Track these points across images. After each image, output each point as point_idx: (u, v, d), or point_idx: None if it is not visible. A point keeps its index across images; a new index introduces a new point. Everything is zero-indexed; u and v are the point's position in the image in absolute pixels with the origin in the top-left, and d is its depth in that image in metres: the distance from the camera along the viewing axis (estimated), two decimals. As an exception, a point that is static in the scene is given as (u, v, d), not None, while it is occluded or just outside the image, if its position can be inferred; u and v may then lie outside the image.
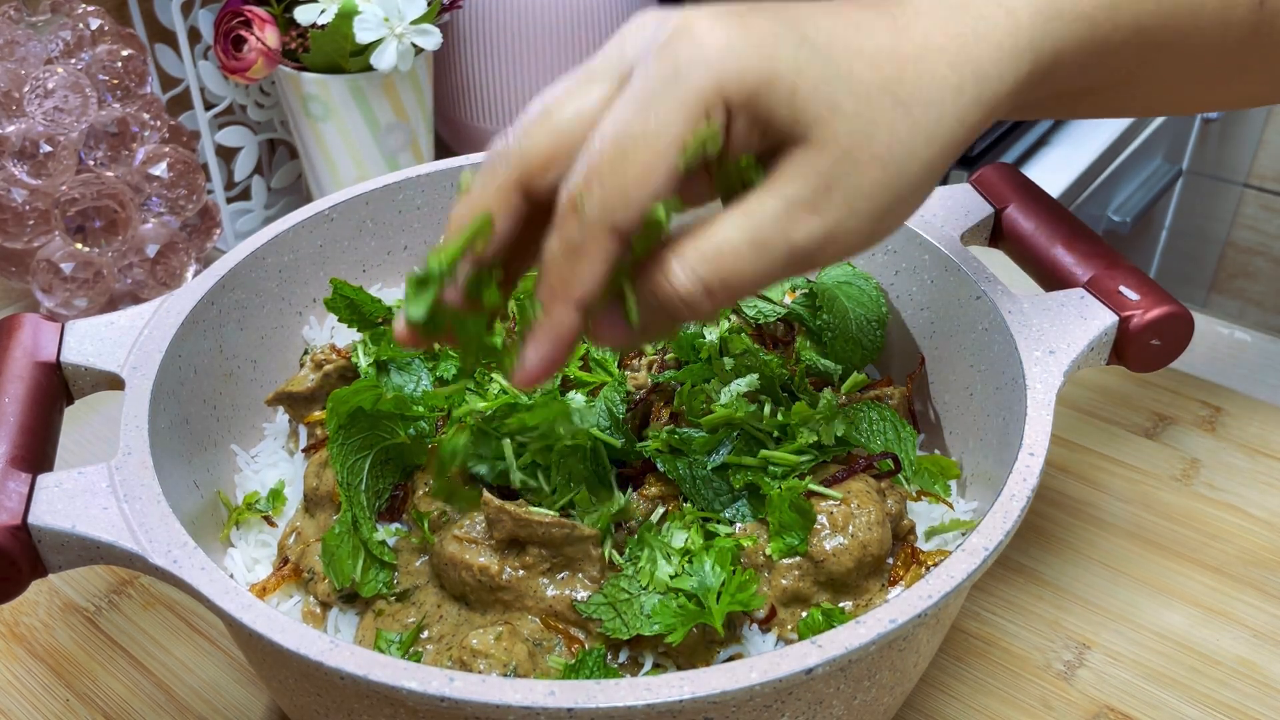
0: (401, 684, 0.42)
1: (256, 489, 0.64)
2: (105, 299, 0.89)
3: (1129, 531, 0.73)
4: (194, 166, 0.91)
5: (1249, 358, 0.88)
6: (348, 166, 0.97)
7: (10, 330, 0.59)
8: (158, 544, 0.48)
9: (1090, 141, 1.39)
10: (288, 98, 0.96)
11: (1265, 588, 0.69)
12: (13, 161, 0.83)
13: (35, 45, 0.86)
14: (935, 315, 0.67)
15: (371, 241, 0.74)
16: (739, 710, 0.44)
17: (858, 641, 0.43)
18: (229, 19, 0.92)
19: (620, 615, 0.51)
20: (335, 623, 0.57)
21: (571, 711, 0.41)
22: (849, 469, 0.58)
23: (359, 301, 0.64)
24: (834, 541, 0.54)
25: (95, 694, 0.65)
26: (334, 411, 0.55)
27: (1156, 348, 0.59)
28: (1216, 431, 0.81)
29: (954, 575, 0.46)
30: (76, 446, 0.80)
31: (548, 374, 0.44)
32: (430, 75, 0.98)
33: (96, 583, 0.71)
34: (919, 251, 0.67)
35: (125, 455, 0.52)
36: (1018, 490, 0.50)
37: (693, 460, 0.57)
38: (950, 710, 0.63)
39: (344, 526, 0.55)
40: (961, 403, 0.65)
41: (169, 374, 0.58)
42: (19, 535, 0.48)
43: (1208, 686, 0.64)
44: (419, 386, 0.62)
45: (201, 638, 0.68)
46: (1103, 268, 0.62)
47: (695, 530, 0.55)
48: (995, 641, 0.66)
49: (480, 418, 0.57)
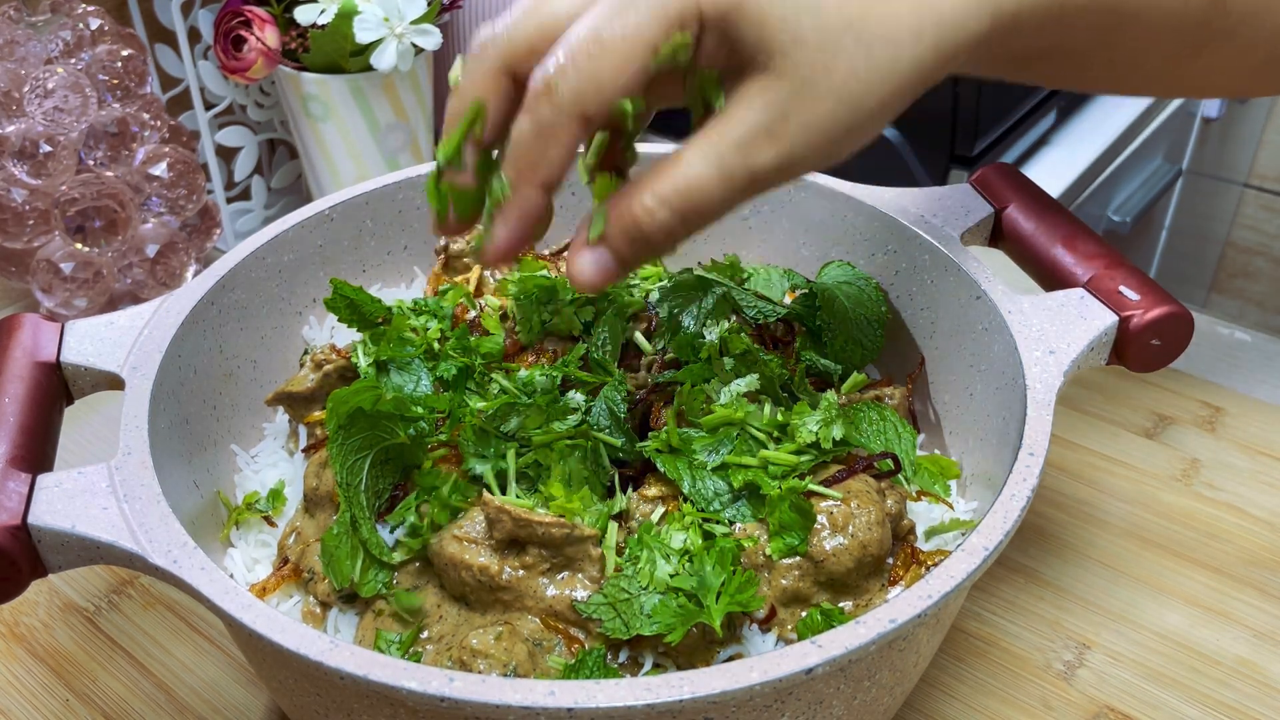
0: (401, 684, 0.42)
1: (256, 489, 0.64)
2: (105, 299, 0.89)
3: (1129, 531, 0.73)
4: (194, 166, 0.91)
5: (1249, 358, 0.88)
6: (348, 166, 0.97)
7: (10, 330, 0.59)
8: (157, 544, 0.48)
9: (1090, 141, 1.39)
10: (288, 98, 0.96)
11: (1265, 588, 0.69)
12: (13, 161, 0.83)
13: (35, 45, 0.86)
14: (935, 315, 0.67)
15: (371, 241, 0.74)
16: (739, 710, 0.44)
17: (858, 641, 0.43)
18: (229, 19, 0.92)
19: (620, 615, 0.51)
20: (335, 623, 0.57)
21: (571, 711, 0.41)
22: (849, 469, 0.58)
23: (359, 301, 0.64)
24: (834, 541, 0.54)
25: (95, 694, 0.65)
26: (334, 412, 0.55)
27: (1157, 348, 0.59)
28: (1216, 431, 0.81)
29: (954, 575, 0.46)
30: (76, 446, 0.80)
31: (514, 250, 0.47)
32: (430, 75, 0.98)
33: (96, 583, 0.71)
34: (919, 251, 0.67)
35: (125, 455, 0.52)
36: (1018, 490, 0.50)
37: (693, 460, 0.57)
38: (950, 710, 0.63)
39: (342, 527, 0.55)
40: (961, 403, 0.65)
41: (169, 374, 0.58)
42: (19, 535, 0.48)
43: (1208, 686, 0.64)
44: (418, 386, 0.62)
45: (201, 638, 0.68)
46: (1103, 268, 0.62)
47: (695, 530, 0.55)
48: (995, 641, 0.66)
49: (482, 417, 0.57)
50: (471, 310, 0.69)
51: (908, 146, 1.21)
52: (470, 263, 0.73)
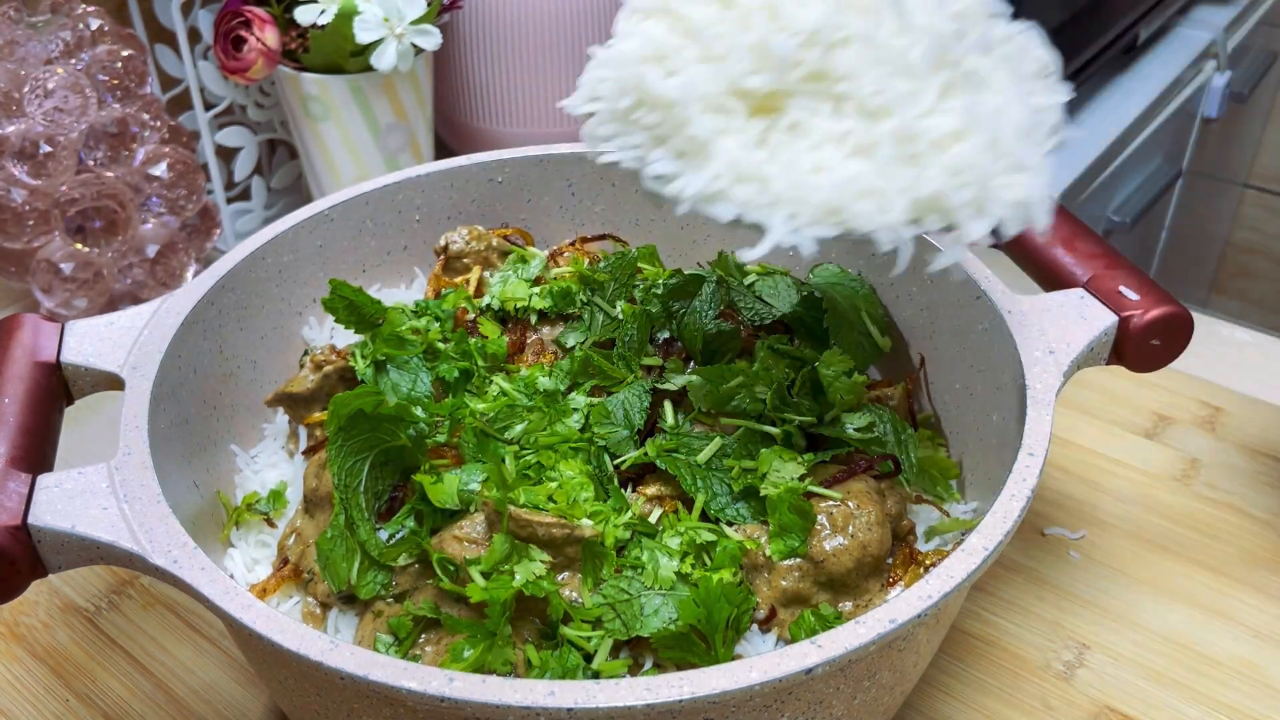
0: (401, 684, 0.42)
1: (256, 489, 0.64)
2: (105, 299, 0.89)
3: (1129, 531, 0.73)
4: (194, 167, 0.91)
5: (1249, 358, 0.88)
6: (348, 166, 0.97)
7: (10, 330, 0.59)
8: (157, 544, 0.48)
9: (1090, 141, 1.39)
10: (287, 98, 0.96)
11: (1265, 588, 0.69)
12: (12, 161, 0.83)
13: (35, 45, 0.86)
14: (935, 315, 0.67)
15: (371, 242, 0.74)
16: (739, 710, 0.44)
17: (857, 641, 0.43)
18: (229, 19, 0.92)
19: (620, 615, 0.51)
20: (335, 623, 0.57)
21: (571, 711, 0.41)
22: (849, 469, 0.58)
23: (358, 302, 0.64)
24: (834, 542, 0.54)
25: (95, 694, 0.65)
26: (334, 414, 0.55)
27: (1156, 348, 0.59)
28: (1216, 431, 0.81)
29: (953, 575, 0.46)
30: (76, 446, 0.80)
31: None
32: (430, 75, 0.98)
33: (96, 583, 0.71)
34: (919, 251, 0.67)
35: (125, 455, 0.52)
36: (1018, 490, 0.50)
37: (693, 460, 0.56)
38: (950, 710, 0.63)
39: (337, 530, 0.55)
40: (961, 403, 0.65)
41: (169, 374, 0.58)
42: (19, 535, 0.48)
43: (1208, 687, 0.64)
44: (416, 385, 0.62)
45: (201, 638, 0.68)
46: (1103, 268, 0.62)
47: (693, 532, 0.55)
48: (995, 642, 0.66)
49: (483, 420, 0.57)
50: (471, 312, 0.69)
51: (908, 146, 1.20)
52: (470, 264, 0.73)
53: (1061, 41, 1.31)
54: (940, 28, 0.44)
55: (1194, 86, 1.59)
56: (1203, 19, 1.64)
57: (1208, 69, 1.62)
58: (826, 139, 0.46)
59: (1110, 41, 1.39)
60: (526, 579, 0.51)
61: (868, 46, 0.44)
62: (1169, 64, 1.54)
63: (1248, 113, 1.88)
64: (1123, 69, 1.52)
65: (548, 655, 0.51)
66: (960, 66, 0.44)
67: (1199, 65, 1.60)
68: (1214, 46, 1.61)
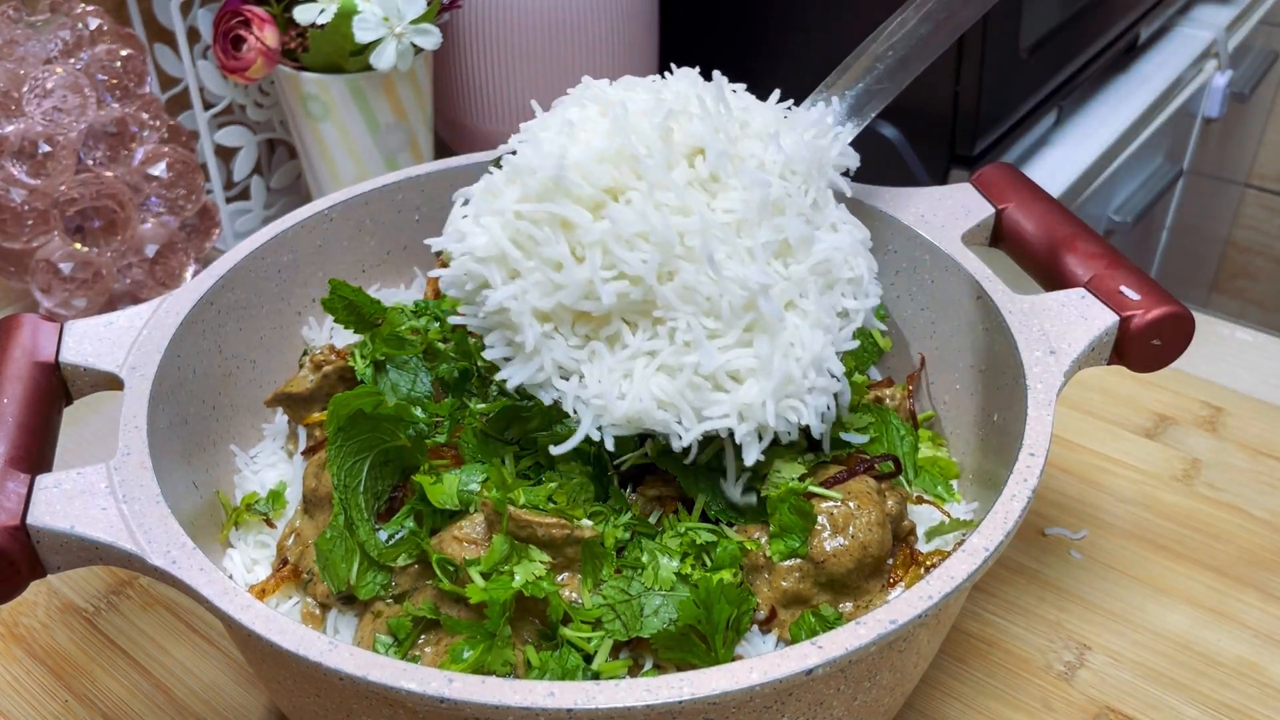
0: (400, 685, 0.42)
1: (255, 490, 0.64)
2: (104, 299, 0.89)
3: (1129, 531, 0.73)
4: (193, 166, 0.91)
5: (1250, 358, 0.88)
6: (347, 166, 0.97)
7: (9, 330, 0.59)
8: (156, 544, 0.48)
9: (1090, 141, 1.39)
10: (287, 97, 0.96)
11: (1266, 588, 0.69)
12: (12, 161, 0.83)
13: (34, 45, 0.86)
14: (935, 315, 0.67)
15: (371, 241, 0.74)
16: (739, 711, 0.44)
17: (858, 642, 0.43)
18: (228, 19, 0.92)
19: (620, 616, 0.51)
20: (334, 624, 0.57)
21: (571, 712, 0.41)
22: (849, 470, 0.57)
23: (358, 302, 0.64)
24: (834, 542, 0.54)
25: (94, 695, 0.65)
26: (334, 415, 0.55)
27: (1157, 348, 0.59)
28: (1217, 431, 0.80)
29: (954, 576, 0.46)
30: (76, 446, 0.80)
31: None
32: (430, 75, 0.98)
33: (96, 583, 0.71)
34: (919, 251, 0.67)
35: (124, 456, 0.52)
36: (1018, 490, 0.50)
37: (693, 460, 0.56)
38: (950, 711, 0.63)
39: (336, 530, 0.54)
40: (961, 403, 0.65)
41: (168, 374, 0.58)
42: (18, 536, 0.48)
43: (1209, 687, 0.64)
44: (416, 385, 0.62)
45: (200, 639, 0.68)
46: (1103, 267, 0.61)
47: (693, 532, 0.54)
48: (996, 642, 0.66)
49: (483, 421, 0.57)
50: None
51: (908, 146, 1.20)
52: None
53: (1061, 41, 1.31)
54: (750, 282, 0.51)
55: (1195, 86, 1.59)
56: (1203, 19, 1.64)
57: (1208, 69, 1.62)
58: (639, 353, 0.52)
59: (1110, 41, 1.39)
60: (526, 580, 0.51)
61: (685, 289, 0.51)
62: (1169, 64, 1.53)
63: (1248, 113, 1.88)
64: (1123, 69, 1.52)
65: (547, 656, 0.51)
66: (761, 313, 0.51)
67: (1199, 65, 1.60)
68: (1215, 46, 1.61)
